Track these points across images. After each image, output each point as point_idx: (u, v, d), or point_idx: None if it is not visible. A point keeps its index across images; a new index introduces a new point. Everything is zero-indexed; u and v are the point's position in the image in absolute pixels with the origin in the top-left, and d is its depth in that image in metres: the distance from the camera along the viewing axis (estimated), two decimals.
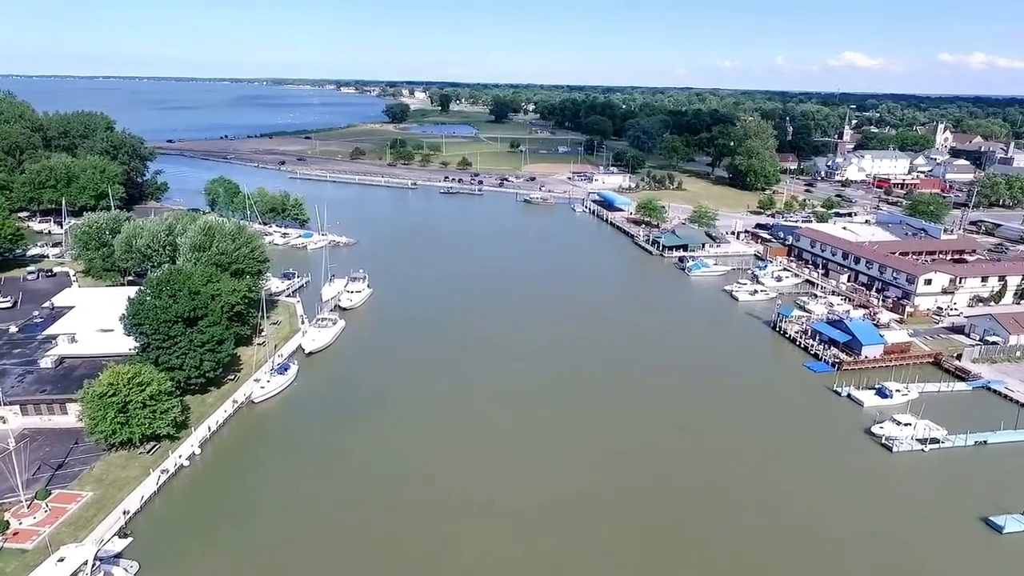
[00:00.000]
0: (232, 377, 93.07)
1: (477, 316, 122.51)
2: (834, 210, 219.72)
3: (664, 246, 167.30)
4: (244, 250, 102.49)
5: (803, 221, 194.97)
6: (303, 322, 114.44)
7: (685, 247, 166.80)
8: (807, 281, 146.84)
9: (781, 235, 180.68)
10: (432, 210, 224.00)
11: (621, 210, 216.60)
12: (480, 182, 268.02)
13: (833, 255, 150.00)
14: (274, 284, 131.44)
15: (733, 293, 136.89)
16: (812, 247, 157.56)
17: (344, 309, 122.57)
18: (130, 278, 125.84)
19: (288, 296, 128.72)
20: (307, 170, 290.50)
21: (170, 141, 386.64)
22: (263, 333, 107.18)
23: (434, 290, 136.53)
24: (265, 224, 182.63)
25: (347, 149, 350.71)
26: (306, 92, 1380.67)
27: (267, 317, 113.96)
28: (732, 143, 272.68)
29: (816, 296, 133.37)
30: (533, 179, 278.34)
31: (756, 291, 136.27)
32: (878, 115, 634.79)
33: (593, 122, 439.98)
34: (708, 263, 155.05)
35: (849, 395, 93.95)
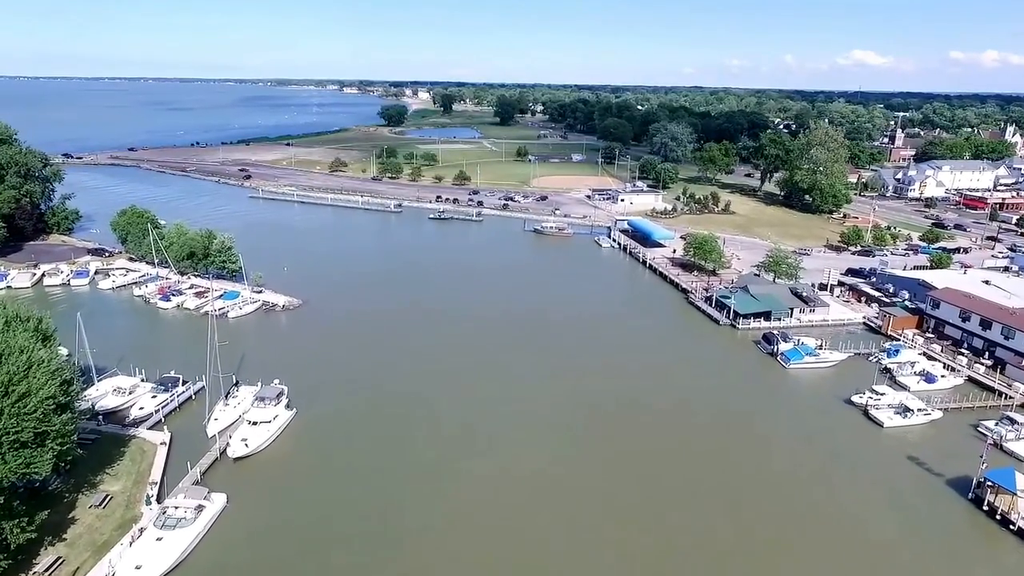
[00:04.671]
0: None
1: (461, 476, 72.52)
2: (940, 244, 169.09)
3: (736, 313, 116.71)
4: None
5: (914, 267, 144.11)
6: (150, 503, 64.80)
7: (768, 315, 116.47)
8: (970, 380, 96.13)
9: (890, 289, 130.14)
10: (416, 245, 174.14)
11: (661, 245, 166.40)
12: (479, 203, 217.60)
13: (1007, 337, 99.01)
14: (140, 402, 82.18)
15: (870, 411, 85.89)
16: (964, 321, 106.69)
17: (238, 459, 73.04)
18: None
19: (155, 427, 78.91)
20: (273, 187, 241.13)
21: (132, 149, 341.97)
22: (65, 533, 58.28)
23: (394, 408, 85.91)
24: (182, 275, 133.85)
25: (330, 158, 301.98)
26: (308, 93, 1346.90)
27: (84, 491, 64.76)
28: (790, 153, 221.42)
29: (1012, 421, 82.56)
30: (544, 199, 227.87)
31: (908, 410, 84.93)
32: (920, 115, 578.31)
33: (610, 126, 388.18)
34: (811, 346, 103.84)
35: None
